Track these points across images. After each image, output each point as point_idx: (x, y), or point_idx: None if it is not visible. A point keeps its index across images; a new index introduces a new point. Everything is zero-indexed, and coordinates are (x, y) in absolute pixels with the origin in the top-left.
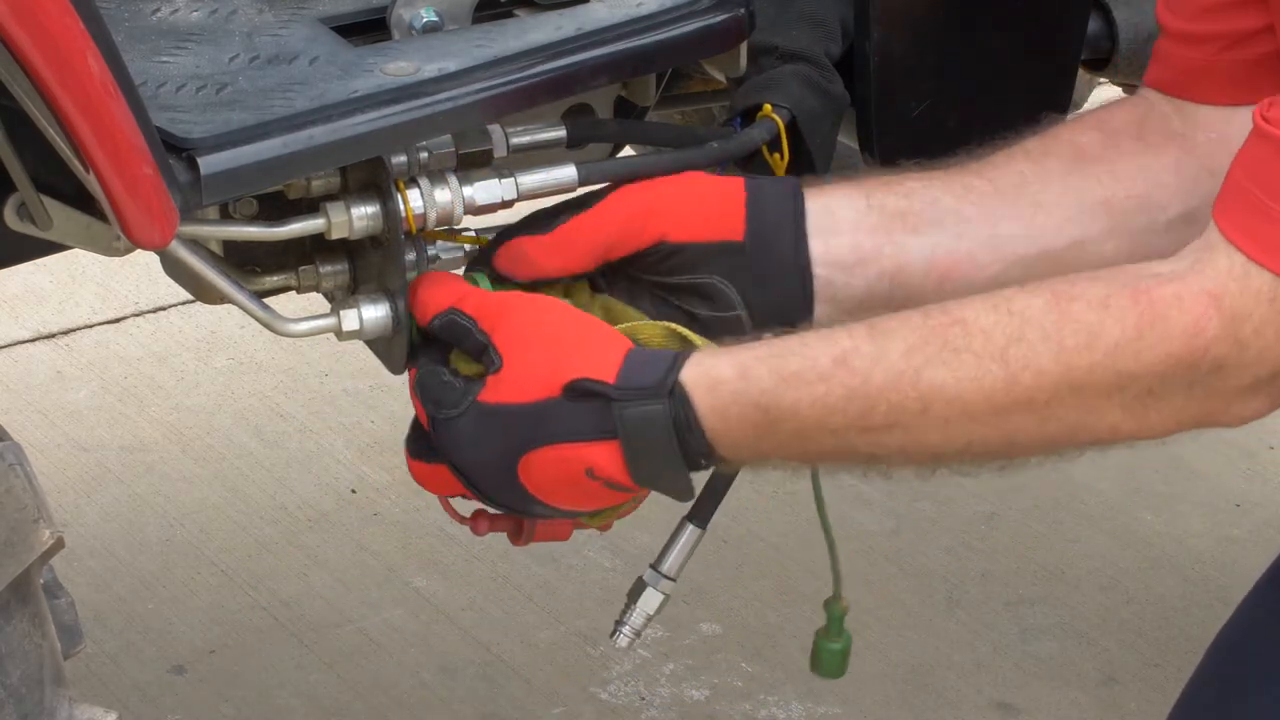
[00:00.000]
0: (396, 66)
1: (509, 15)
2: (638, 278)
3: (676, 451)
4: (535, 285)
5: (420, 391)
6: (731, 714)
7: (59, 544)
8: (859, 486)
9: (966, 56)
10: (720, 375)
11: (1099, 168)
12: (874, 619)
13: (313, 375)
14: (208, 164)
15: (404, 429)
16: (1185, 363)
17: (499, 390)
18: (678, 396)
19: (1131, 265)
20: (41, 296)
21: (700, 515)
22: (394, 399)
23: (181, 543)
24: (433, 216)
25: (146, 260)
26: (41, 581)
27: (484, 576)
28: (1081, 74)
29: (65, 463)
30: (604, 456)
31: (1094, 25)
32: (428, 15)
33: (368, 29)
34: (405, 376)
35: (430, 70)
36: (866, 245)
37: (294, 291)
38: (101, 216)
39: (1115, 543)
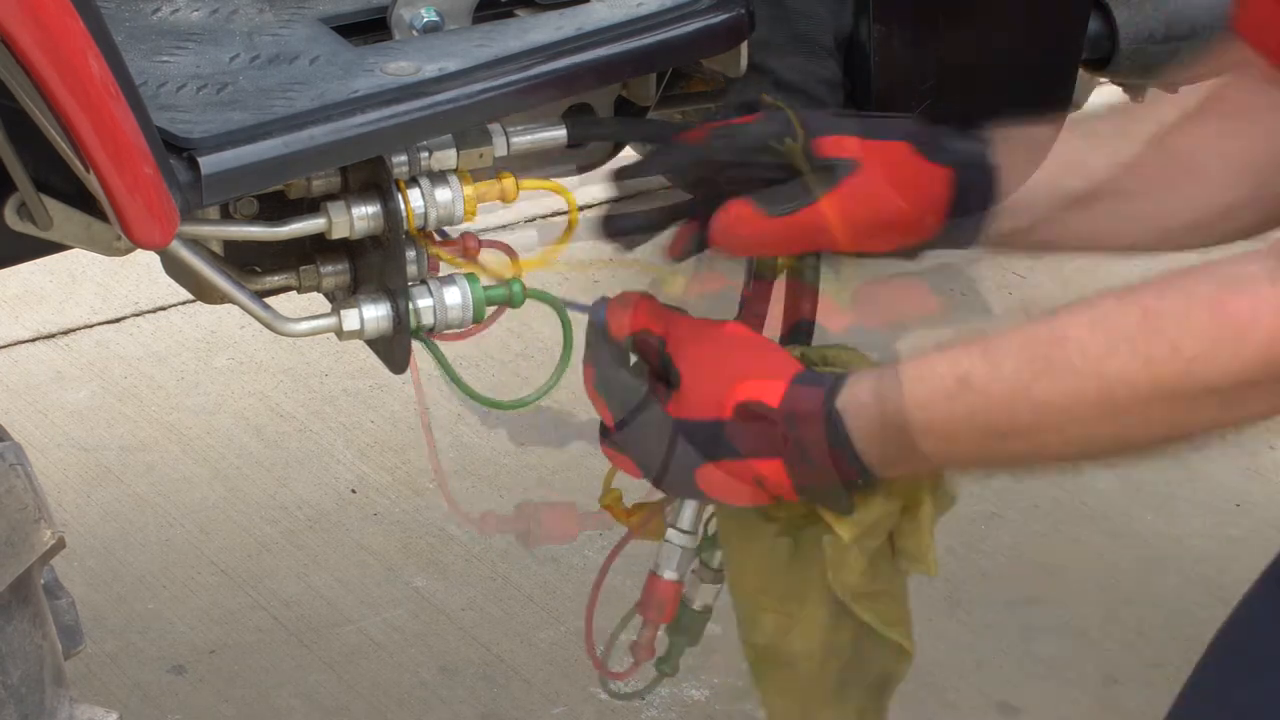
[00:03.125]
0: (397, 66)
1: (509, 15)
2: None
3: (833, 472)
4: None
5: (605, 395)
6: (731, 714)
7: (59, 544)
8: None
9: (967, 56)
10: (863, 400)
11: (1244, 123)
12: None
13: (313, 375)
14: (208, 164)
15: (404, 429)
16: (1264, 368)
17: (679, 406)
18: (833, 421)
19: (1219, 266)
20: (41, 296)
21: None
22: (394, 399)
23: (181, 542)
24: (434, 216)
25: (147, 260)
26: (42, 581)
27: (484, 576)
28: (1081, 74)
29: (65, 463)
30: (771, 472)
31: (1094, 25)
32: (428, 15)
33: (368, 29)
34: (405, 376)
35: (431, 70)
36: (1033, 225)
37: (294, 291)
38: (101, 216)
39: (1115, 543)
